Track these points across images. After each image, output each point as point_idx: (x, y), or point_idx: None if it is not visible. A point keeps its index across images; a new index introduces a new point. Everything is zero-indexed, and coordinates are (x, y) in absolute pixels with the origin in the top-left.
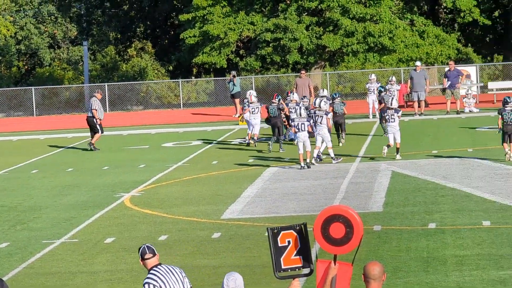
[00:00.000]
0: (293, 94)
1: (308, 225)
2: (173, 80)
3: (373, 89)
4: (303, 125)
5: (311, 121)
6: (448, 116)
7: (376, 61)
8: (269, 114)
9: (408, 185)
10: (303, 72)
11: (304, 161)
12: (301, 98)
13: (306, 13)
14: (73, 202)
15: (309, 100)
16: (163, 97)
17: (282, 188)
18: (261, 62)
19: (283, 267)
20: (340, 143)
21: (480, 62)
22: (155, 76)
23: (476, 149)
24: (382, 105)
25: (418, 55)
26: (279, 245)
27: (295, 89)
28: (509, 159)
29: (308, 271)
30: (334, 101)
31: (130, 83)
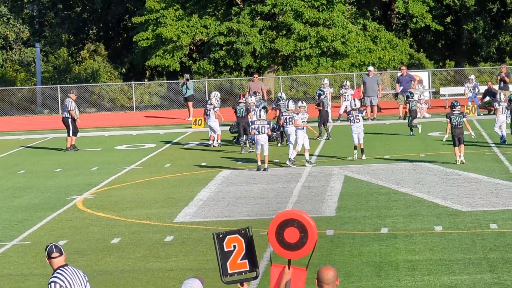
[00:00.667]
0: (251, 97)
1: (262, 230)
2: (126, 83)
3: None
4: (263, 127)
5: (271, 124)
6: (401, 121)
7: (329, 65)
8: (236, 115)
9: (361, 190)
10: (256, 75)
11: (262, 163)
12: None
13: (259, 17)
14: (25, 204)
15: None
16: (116, 100)
17: (235, 192)
18: (214, 66)
19: (229, 271)
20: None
21: (432, 67)
22: (108, 78)
23: (429, 154)
24: (320, 107)
25: (371, 60)
26: (225, 249)
27: (248, 93)
28: (462, 162)
29: (255, 275)
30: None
31: (83, 85)
